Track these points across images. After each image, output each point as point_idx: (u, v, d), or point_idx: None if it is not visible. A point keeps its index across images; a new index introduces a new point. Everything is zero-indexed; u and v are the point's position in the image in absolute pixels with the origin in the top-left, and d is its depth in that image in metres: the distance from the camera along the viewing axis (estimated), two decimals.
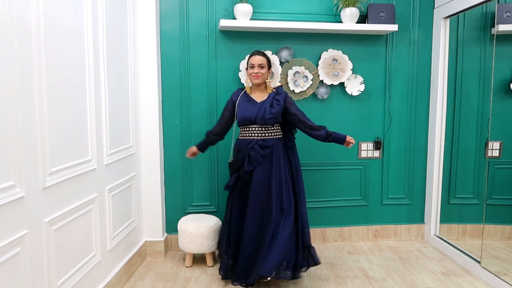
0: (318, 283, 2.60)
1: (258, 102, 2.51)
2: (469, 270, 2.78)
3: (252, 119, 2.46)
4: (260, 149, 2.45)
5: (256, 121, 2.46)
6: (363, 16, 3.09)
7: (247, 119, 2.47)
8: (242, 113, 2.49)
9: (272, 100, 2.49)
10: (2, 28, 1.38)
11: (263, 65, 2.49)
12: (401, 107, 3.28)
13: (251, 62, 2.50)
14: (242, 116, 2.48)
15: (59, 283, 1.80)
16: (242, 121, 2.50)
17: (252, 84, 2.57)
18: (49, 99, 1.69)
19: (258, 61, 2.47)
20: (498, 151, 2.91)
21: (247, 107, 2.50)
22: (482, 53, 2.99)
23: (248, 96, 2.55)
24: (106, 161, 2.30)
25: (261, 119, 2.45)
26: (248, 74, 2.52)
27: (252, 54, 2.53)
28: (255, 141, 2.46)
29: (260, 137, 2.48)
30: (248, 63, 2.52)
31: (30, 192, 1.57)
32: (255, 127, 2.48)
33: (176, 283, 2.61)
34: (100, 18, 2.20)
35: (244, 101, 2.52)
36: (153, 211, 3.00)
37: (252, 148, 2.44)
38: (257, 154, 2.44)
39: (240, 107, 2.51)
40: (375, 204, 3.36)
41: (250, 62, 2.50)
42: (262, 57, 2.50)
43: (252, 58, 2.50)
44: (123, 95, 2.58)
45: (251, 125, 2.49)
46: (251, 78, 2.52)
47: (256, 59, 2.48)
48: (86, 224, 2.08)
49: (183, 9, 2.97)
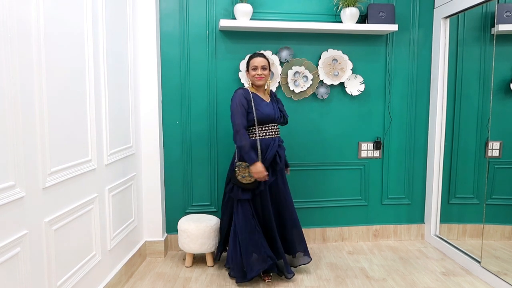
0: (318, 283, 2.60)
1: (268, 102, 2.57)
2: (469, 270, 2.78)
3: (274, 118, 2.52)
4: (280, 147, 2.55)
5: (275, 119, 2.53)
6: (363, 16, 3.09)
7: (270, 118, 2.49)
8: (265, 111, 2.48)
9: (277, 100, 2.65)
10: (2, 28, 1.38)
11: (265, 67, 2.51)
12: (401, 107, 3.28)
13: (253, 64, 2.50)
14: (265, 115, 2.47)
15: (59, 283, 1.81)
16: (265, 120, 2.48)
17: (252, 85, 2.58)
18: (49, 99, 1.69)
19: (261, 63, 2.49)
20: (498, 151, 2.91)
21: (265, 106, 2.51)
22: (482, 53, 2.99)
23: (259, 96, 2.55)
24: (106, 161, 2.30)
25: (281, 117, 2.57)
26: (251, 76, 2.52)
27: (253, 56, 2.54)
28: (276, 139, 2.54)
29: (277, 135, 2.57)
30: (250, 65, 2.52)
31: (30, 192, 1.57)
32: (274, 126, 2.55)
33: (176, 283, 2.61)
34: (100, 18, 2.20)
35: (259, 101, 2.52)
36: (153, 211, 3.00)
37: (279, 146, 2.52)
38: (282, 151, 2.54)
39: (259, 105, 2.48)
40: (375, 204, 3.36)
41: (253, 64, 2.50)
42: (263, 58, 2.52)
43: (254, 60, 2.51)
44: (123, 95, 2.58)
45: (271, 124, 2.53)
46: (254, 79, 2.52)
47: (259, 61, 2.49)
48: (86, 224, 2.08)
49: (183, 9, 2.97)
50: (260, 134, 2.48)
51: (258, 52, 2.61)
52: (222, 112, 3.08)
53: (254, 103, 2.46)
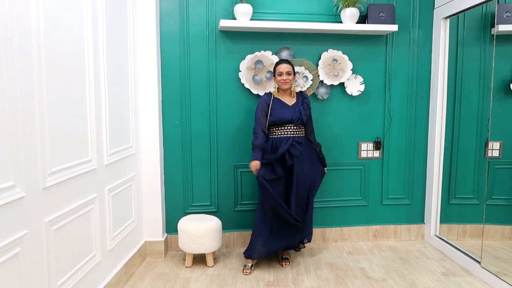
0: (318, 283, 2.60)
1: (290, 105, 2.76)
2: (469, 270, 2.78)
3: (289, 120, 2.72)
4: (297, 145, 2.72)
5: (293, 121, 2.73)
6: (363, 16, 3.09)
7: (284, 120, 2.72)
8: (280, 114, 2.72)
9: (302, 103, 2.79)
10: (2, 28, 1.38)
11: (290, 72, 2.72)
12: (401, 107, 3.28)
13: (279, 70, 2.72)
14: (279, 117, 2.72)
15: (59, 283, 1.81)
16: (279, 122, 2.73)
17: (279, 89, 2.79)
18: (49, 99, 1.69)
19: (286, 69, 2.71)
20: (498, 151, 2.91)
21: (283, 109, 2.74)
22: (482, 53, 2.99)
23: (279, 100, 2.77)
24: (106, 161, 2.30)
25: (298, 119, 2.73)
26: (277, 80, 2.75)
27: (279, 63, 2.74)
28: (291, 138, 2.72)
29: (296, 134, 2.75)
30: (276, 71, 2.75)
31: (30, 192, 1.57)
32: (291, 126, 2.75)
33: (176, 283, 2.61)
34: (100, 18, 2.20)
35: (278, 104, 2.76)
36: (153, 211, 3.00)
37: (292, 145, 2.70)
38: (296, 150, 2.70)
39: (275, 109, 2.74)
40: (375, 204, 3.36)
41: (278, 70, 2.73)
42: (288, 64, 2.73)
43: (279, 66, 2.73)
44: (123, 95, 2.58)
45: (288, 124, 2.74)
46: (280, 84, 2.75)
47: (284, 67, 2.71)
48: (86, 224, 2.08)
49: (183, 9, 2.97)
50: (275, 133, 2.77)
51: (284, 59, 2.82)
52: (222, 112, 3.08)
53: (272, 107, 2.74)
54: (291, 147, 2.70)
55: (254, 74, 3.04)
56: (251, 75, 3.04)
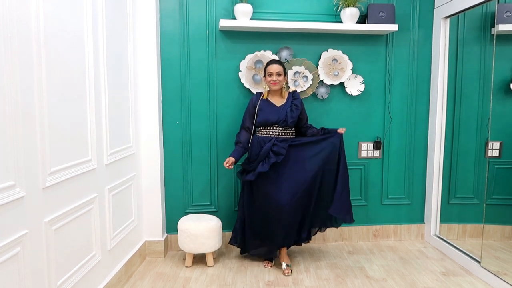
0: (318, 283, 2.60)
1: (278, 106, 2.75)
2: (469, 270, 2.78)
3: (274, 121, 2.70)
4: (280, 143, 2.68)
5: (278, 122, 2.70)
6: (363, 16, 3.09)
7: (269, 122, 2.71)
8: (264, 116, 2.71)
9: (291, 104, 2.74)
10: (2, 28, 1.38)
11: (280, 73, 2.69)
12: (401, 107, 3.28)
13: (269, 71, 2.70)
14: (264, 119, 2.71)
15: (59, 283, 1.81)
16: (264, 123, 2.73)
17: (269, 90, 2.77)
18: (49, 99, 1.69)
19: (276, 69, 2.68)
20: (498, 151, 2.91)
21: (269, 110, 2.73)
22: (482, 53, 2.99)
23: (268, 101, 2.77)
24: (106, 161, 2.30)
25: (283, 122, 2.70)
26: (267, 81, 2.74)
27: (270, 63, 2.72)
28: (274, 138, 2.70)
29: (280, 135, 2.73)
30: (266, 71, 2.72)
31: (30, 192, 1.57)
32: (276, 127, 2.73)
33: (176, 283, 2.61)
34: (100, 17, 2.20)
35: (265, 105, 2.75)
36: (153, 211, 3.00)
37: (274, 145, 2.68)
38: (279, 147, 2.67)
39: (262, 110, 2.73)
40: (375, 204, 3.36)
41: (268, 71, 2.70)
42: (279, 65, 2.70)
43: (270, 67, 2.70)
44: (123, 95, 2.58)
45: (274, 125, 2.73)
46: (269, 84, 2.73)
47: (274, 68, 2.68)
48: (86, 224, 2.08)
49: (183, 9, 2.97)
50: (261, 133, 2.77)
51: (274, 59, 2.79)
52: (222, 112, 3.09)
53: (259, 108, 2.74)
54: (273, 146, 2.67)
55: (254, 74, 3.04)
56: (251, 75, 3.04)
